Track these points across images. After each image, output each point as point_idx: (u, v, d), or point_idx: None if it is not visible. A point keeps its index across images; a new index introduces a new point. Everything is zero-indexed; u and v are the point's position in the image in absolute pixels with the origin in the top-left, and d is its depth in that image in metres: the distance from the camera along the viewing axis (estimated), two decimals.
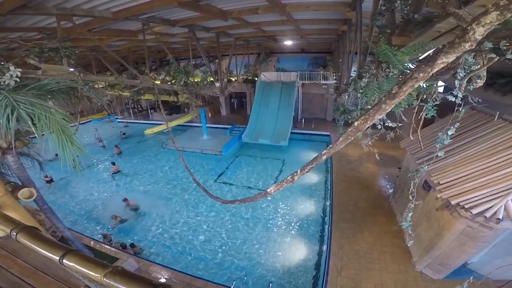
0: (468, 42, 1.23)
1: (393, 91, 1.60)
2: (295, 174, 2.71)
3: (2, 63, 6.18)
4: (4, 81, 5.81)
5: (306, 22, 10.33)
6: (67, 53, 7.48)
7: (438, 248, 6.49)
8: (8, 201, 2.38)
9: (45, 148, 6.75)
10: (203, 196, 12.65)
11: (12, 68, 5.85)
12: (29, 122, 5.36)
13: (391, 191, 11.49)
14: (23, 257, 2.89)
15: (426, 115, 3.20)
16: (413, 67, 1.60)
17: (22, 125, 5.75)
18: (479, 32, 1.18)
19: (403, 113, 3.95)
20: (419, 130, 3.44)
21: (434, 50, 2.90)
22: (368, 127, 4.54)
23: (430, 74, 1.45)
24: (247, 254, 9.44)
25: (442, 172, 6.58)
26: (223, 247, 9.83)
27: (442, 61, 1.35)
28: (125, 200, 12.45)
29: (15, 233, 1.75)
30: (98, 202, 13.50)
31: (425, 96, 3.35)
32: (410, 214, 3.42)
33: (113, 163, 16.50)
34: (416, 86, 1.50)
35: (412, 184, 3.29)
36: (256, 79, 23.21)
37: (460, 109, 2.84)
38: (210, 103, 28.37)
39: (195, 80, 14.21)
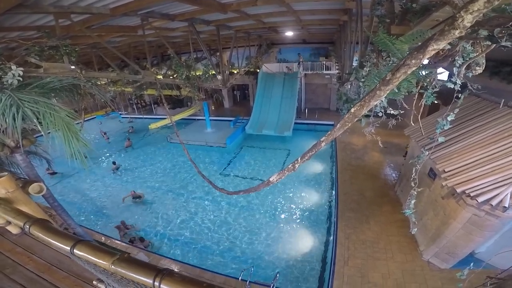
0: (457, 29, 1.24)
1: (387, 78, 1.62)
2: (295, 162, 2.75)
3: (4, 62, 6.28)
4: (7, 80, 5.91)
5: (306, 12, 10.19)
6: (67, 50, 7.52)
7: (445, 237, 6.44)
8: (20, 196, 2.48)
9: (52, 146, 6.93)
10: (209, 188, 12.82)
11: (14, 67, 5.93)
12: (35, 120, 5.50)
13: (396, 179, 11.48)
14: (38, 253, 3.00)
15: (426, 102, 3.20)
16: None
17: (28, 124, 5.86)
18: (468, 19, 1.19)
19: (405, 101, 3.95)
20: (419, 116, 3.44)
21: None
22: (370, 115, 4.57)
23: (422, 61, 1.46)
24: (254, 245, 9.61)
25: (448, 159, 6.49)
26: (230, 238, 10.00)
27: (433, 48, 1.36)
28: (132, 193, 12.77)
29: (28, 226, 1.85)
30: (103, 195, 13.86)
31: (425, 83, 3.34)
32: (413, 202, 3.45)
33: (114, 163, 16.63)
34: (409, 72, 1.52)
35: (414, 170, 3.31)
36: (258, 70, 23.08)
37: (460, 95, 2.83)
38: (212, 95, 28.38)
39: (197, 74, 14.20)
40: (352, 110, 1.89)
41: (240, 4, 8.08)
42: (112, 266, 1.30)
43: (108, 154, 19.24)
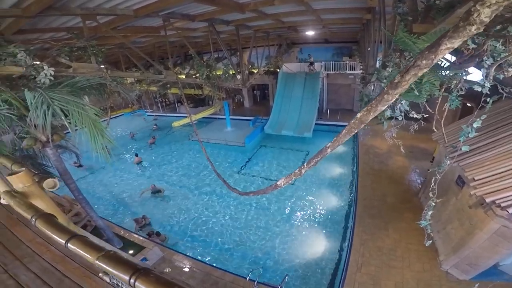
0: (473, 25, 1.09)
1: (396, 81, 1.49)
2: (302, 167, 2.69)
3: (37, 62, 6.75)
4: (40, 80, 6.33)
5: (327, 11, 9.93)
6: (94, 51, 7.91)
7: (468, 248, 6.11)
8: (35, 191, 2.61)
9: (79, 141, 7.34)
10: (225, 186, 12.94)
11: (46, 67, 6.34)
12: (63, 118, 5.84)
13: (421, 186, 10.88)
14: (55, 244, 3.13)
15: (450, 105, 2.95)
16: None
17: (58, 120, 6.24)
18: (485, 13, 1.04)
19: (433, 104, 3.69)
20: (442, 121, 3.17)
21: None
22: (393, 118, 4.31)
23: (435, 61, 1.32)
24: (266, 245, 9.55)
25: (478, 167, 6.03)
26: (243, 237, 10.02)
27: (447, 47, 1.22)
28: (152, 186, 13.25)
29: (34, 219, 1.95)
30: (124, 189, 14.47)
31: (451, 85, 3.08)
32: (430, 213, 3.22)
33: (136, 154, 17.54)
34: (420, 74, 1.38)
35: (433, 180, 3.07)
36: (278, 70, 22.90)
37: (489, 100, 2.55)
38: (233, 95, 28.64)
39: (217, 73, 14.38)
40: (358, 115, 1.77)
41: (257, 4, 8.05)
42: (97, 261, 1.37)
43: (132, 151, 20.08)
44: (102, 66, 8.90)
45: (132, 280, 1.19)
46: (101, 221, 8.47)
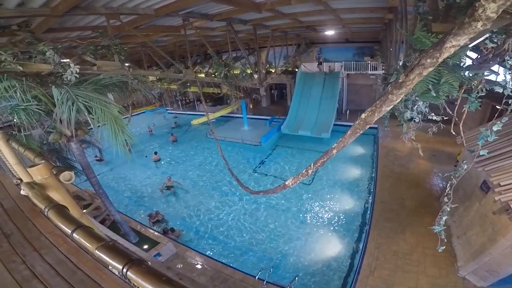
0: (479, 21, 1.02)
1: (400, 80, 1.43)
2: (309, 168, 2.67)
3: (64, 60, 7.14)
4: (66, 77, 6.70)
5: (346, 11, 9.70)
6: (117, 49, 8.23)
7: (489, 254, 5.97)
8: (52, 183, 2.75)
9: (101, 137, 7.69)
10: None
11: (72, 65, 6.70)
12: (86, 114, 6.15)
13: (443, 190, 10.39)
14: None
15: (469, 107, 2.79)
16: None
17: (82, 116, 6.58)
18: (491, 8, 0.97)
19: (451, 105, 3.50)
20: (460, 124, 3.00)
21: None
22: (412, 120, 4.13)
23: (440, 60, 1.25)
24: (278, 245, 9.54)
25: (505, 172, 5.79)
26: (255, 236, 10.06)
27: (452, 44, 1.15)
28: (168, 178, 13.72)
29: (47, 210, 2.06)
30: (142, 184, 14.99)
31: (472, 86, 2.90)
32: (444, 218, 3.08)
33: (156, 152, 17.99)
34: (425, 73, 1.31)
35: (449, 185, 2.92)
36: (296, 70, 22.64)
37: (511, 102, 2.38)
38: (250, 94, 28.70)
39: (235, 73, 14.46)
40: (363, 116, 1.72)
41: (274, 3, 8.01)
42: (96, 251, 1.41)
43: (151, 148, 20.68)
44: (127, 65, 9.22)
45: (124, 270, 1.22)
46: (119, 216, 8.82)
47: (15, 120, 5.94)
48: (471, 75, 2.76)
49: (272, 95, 30.80)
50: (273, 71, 21.00)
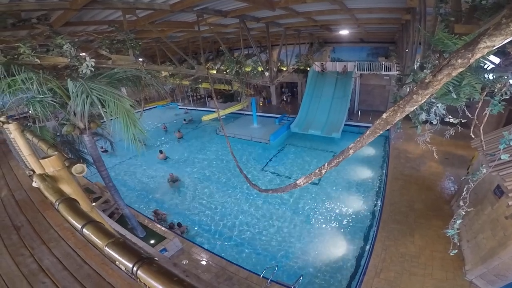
0: None
1: (426, 80, 1.34)
2: (322, 167, 2.59)
3: (81, 54, 7.26)
4: (82, 70, 6.80)
5: (362, 11, 9.53)
6: (132, 44, 8.31)
7: (498, 258, 5.89)
8: (64, 175, 2.76)
9: (113, 130, 7.78)
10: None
11: (87, 58, 6.80)
12: (99, 107, 6.23)
13: (454, 194, 10.13)
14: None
15: (491, 111, 2.66)
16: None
17: (95, 109, 6.67)
18: None
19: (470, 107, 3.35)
20: (481, 127, 2.87)
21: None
22: (428, 122, 4.00)
23: (471, 61, 1.16)
24: (283, 243, 9.49)
25: None
26: (262, 235, 10.03)
27: (486, 45, 1.07)
28: (171, 174, 13.87)
29: (57, 203, 2.07)
30: (150, 179, 15.17)
31: (494, 89, 2.75)
32: (458, 222, 2.98)
33: (161, 151, 17.66)
34: (454, 74, 1.23)
35: (465, 189, 2.81)
36: (308, 69, 22.39)
37: None
38: (261, 92, 28.54)
39: (246, 70, 14.42)
40: (384, 116, 1.65)
41: (289, 1, 7.94)
42: (106, 248, 1.40)
43: (159, 143, 20.84)
44: (140, 60, 9.30)
45: (135, 268, 1.20)
46: (128, 210, 8.93)
47: (30, 111, 6.05)
48: (494, 77, 2.63)
49: (283, 93, 30.55)
50: (284, 69, 20.83)
